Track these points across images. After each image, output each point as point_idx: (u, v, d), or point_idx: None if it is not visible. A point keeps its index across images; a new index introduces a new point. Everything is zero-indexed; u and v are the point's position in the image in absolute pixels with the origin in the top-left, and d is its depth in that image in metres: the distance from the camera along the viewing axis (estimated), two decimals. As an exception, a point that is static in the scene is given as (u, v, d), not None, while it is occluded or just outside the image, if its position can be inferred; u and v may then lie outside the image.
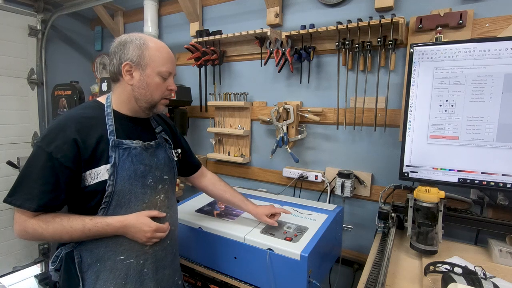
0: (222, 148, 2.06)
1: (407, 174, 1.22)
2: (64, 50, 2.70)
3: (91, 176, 0.88)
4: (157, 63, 0.93)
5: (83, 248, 0.92)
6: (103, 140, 0.89)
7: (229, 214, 1.38)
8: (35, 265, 2.58)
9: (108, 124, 0.92)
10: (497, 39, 1.07)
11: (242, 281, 1.18)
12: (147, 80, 0.93)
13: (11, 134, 2.37)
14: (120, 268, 0.94)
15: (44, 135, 0.86)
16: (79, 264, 0.92)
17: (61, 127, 0.86)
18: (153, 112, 1.00)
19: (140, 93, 0.94)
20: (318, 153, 1.72)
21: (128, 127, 0.97)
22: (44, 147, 0.83)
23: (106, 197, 0.89)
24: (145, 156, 0.98)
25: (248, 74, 1.93)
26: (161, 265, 1.03)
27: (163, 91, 0.97)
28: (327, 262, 1.31)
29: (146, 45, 0.92)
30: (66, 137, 0.84)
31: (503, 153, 1.07)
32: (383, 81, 1.45)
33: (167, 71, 0.95)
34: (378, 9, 1.45)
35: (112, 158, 0.89)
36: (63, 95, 2.16)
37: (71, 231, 0.85)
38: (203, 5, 2.07)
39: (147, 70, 0.93)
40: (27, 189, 0.83)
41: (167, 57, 0.96)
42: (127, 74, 0.93)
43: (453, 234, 1.37)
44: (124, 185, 0.91)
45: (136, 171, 0.94)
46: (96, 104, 0.97)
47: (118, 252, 0.94)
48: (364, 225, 1.62)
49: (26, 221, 0.84)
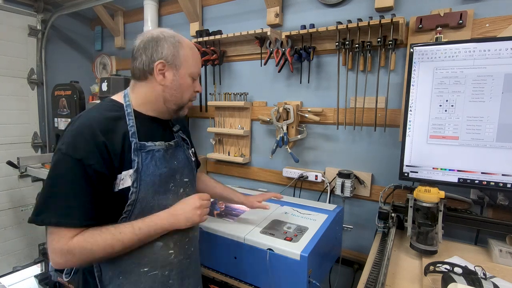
0: (222, 148, 2.06)
1: (407, 174, 1.22)
2: (64, 50, 2.71)
3: (117, 183, 0.80)
4: (190, 64, 0.89)
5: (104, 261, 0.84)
6: (126, 143, 0.82)
7: (229, 214, 1.38)
8: (35, 265, 2.58)
9: (129, 125, 0.84)
10: (497, 39, 1.07)
11: (242, 281, 1.18)
12: (180, 81, 0.88)
13: (11, 134, 2.38)
14: (144, 281, 0.87)
15: (69, 140, 0.76)
16: (100, 278, 0.85)
17: (88, 131, 0.77)
18: (178, 114, 0.95)
19: (171, 94, 0.89)
20: (318, 153, 1.72)
21: (149, 128, 0.90)
22: (71, 153, 0.74)
23: (129, 205, 0.82)
24: (167, 159, 0.91)
25: (248, 74, 1.93)
26: (186, 274, 0.98)
27: (192, 93, 0.94)
28: (327, 262, 1.31)
29: (181, 44, 0.88)
30: (95, 141, 0.76)
31: (503, 153, 1.07)
32: (383, 81, 1.45)
33: (198, 73, 0.93)
34: (378, 9, 1.45)
35: (135, 163, 0.82)
36: (63, 95, 2.16)
37: (121, 237, 0.78)
38: (203, 5, 2.07)
39: (181, 71, 0.88)
40: (62, 203, 0.73)
41: (198, 58, 0.94)
42: (159, 73, 0.86)
43: (453, 234, 1.37)
44: (148, 192, 0.85)
45: (160, 176, 0.87)
46: (113, 104, 0.89)
47: (142, 264, 0.87)
48: (364, 225, 1.62)
49: (69, 241, 0.73)
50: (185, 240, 0.96)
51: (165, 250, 0.91)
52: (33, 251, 2.55)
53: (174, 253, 0.93)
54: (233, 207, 1.48)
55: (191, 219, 0.89)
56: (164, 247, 0.90)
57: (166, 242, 0.91)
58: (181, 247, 0.95)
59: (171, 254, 0.92)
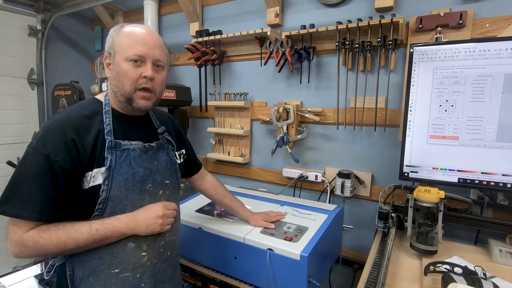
0: (222, 148, 2.06)
1: (407, 174, 1.22)
2: (64, 50, 2.70)
3: (87, 180, 0.79)
4: (124, 47, 0.82)
5: (75, 260, 0.84)
6: (99, 141, 0.81)
7: (229, 214, 1.38)
8: (35, 265, 2.57)
9: (105, 123, 0.84)
10: (497, 39, 1.07)
11: (242, 281, 1.18)
12: (116, 68, 0.83)
13: (11, 134, 2.37)
14: (114, 282, 0.85)
15: (40, 136, 0.77)
16: (71, 278, 0.84)
17: (57, 127, 0.78)
18: (133, 107, 0.86)
19: (114, 85, 0.85)
20: (318, 153, 1.72)
21: (127, 126, 0.89)
22: (40, 149, 0.75)
23: (100, 203, 0.81)
24: (145, 159, 0.89)
25: (248, 74, 1.93)
26: (160, 279, 0.95)
27: (136, 79, 0.83)
28: (327, 262, 1.31)
29: (119, 31, 0.84)
30: (64, 138, 0.76)
31: (503, 153, 1.07)
32: (383, 81, 1.45)
33: (135, 54, 0.82)
34: (378, 9, 1.45)
35: (107, 161, 0.81)
36: (63, 95, 2.15)
37: (76, 236, 0.77)
38: (203, 5, 2.07)
39: (116, 58, 0.83)
40: (24, 196, 0.74)
41: (137, 39, 0.83)
42: (106, 67, 0.86)
43: (453, 234, 1.37)
44: (120, 191, 0.83)
45: (134, 175, 0.86)
46: (93, 102, 0.89)
47: (112, 264, 0.85)
48: (364, 225, 1.62)
49: (24, 234, 0.74)
50: (159, 243, 0.93)
51: (137, 251, 0.88)
52: (33, 251, 2.54)
53: (147, 256, 0.90)
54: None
55: (151, 227, 0.86)
56: (136, 248, 0.88)
57: (138, 244, 0.88)
58: (155, 250, 0.92)
59: (144, 256, 0.89)
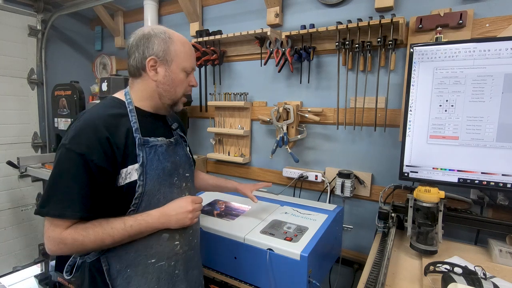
0: (222, 148, 2.06)
1: (407, 174, 1.22)
2: (64, 50, 2.71)
3: (122, 177, 0.83)
4: (182, 58, 0.91)
5: (110, 255, 0.87)
6: (130, 139, 0.85)
7: (229, 214, 1.38)
8: (35, 265, 2.58)
9: (132, 122, 0.87)
10: (497, 39, 1.07)
11: (242, 281, 1.18)
12: (172, 76, 0.91)
13: (11, 134, 2.38)
14: (151, 272, 0.90)
15: (72, 136, 0.79)
16: (108, 272, 0.87)
17: (89, 126, 0.80)
18: (173, 109, 0.98)
19: (164, 89, 0.91)
20: (318, 153, 1.72)
21: (151, 124, 0.94)
22: (74, 148, 0.77)
23: (136, 198, 0.85)
24: (170, 154, 0.95)
25: (248, 74, 1.93)
26: (190, 265, 1.01)
27: (186, 87, 0.95)
28: (327, 262, 1.31)
29: (172, 40, 0.89)
30: (98, 136, 0.78)
31: (503, 153, 1.07)
32: (383, 81, 1.45)
33: (191, 67, 0.94)
34: (378, 9, 1.45)
35: (140, 157, 0.85)
36: (63, 95, 2.16)
37: (112, 232, 0.80)
38: (203, 5, 2.07)
39: (172, 66, 0.90)
40: (64, 196, 0.76)
41: (191, 52, 0.94)
42: (151, 69, 0.89)
43: (453, 234, 1.37)
44: (154, 185, 0.88)
45: (164, 170, 0.91)
46: (116, 101, 0.92)
47: (149, 255, 0.90)
48: (364, 225, 1.62)
49: (63, 231, 0.77)
50: (189, 232, 0.99)
51: (171, 241, 0.93)
52: (33, 251, 2.55)
53: (179, 244, 0.96)
54: (233, 207, 1.48)
55: (181, 221, 0.91)
56: (170, 238, 0.93)
57: (172, 234, 0.93)
58: (185, 239, 0.98)
59: (177, 245, 0.95)
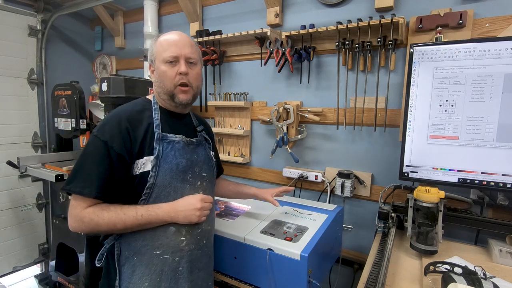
0: (222, 148, 2.06)
1: (407, 174, 1.22)
2: (64, 50, 2.70)
3: (137, 166, 0.91)
4: (161, 50, 0.96)
5: (122, 240, 0.94)
6: (149, 133, 0.93)
7: (229, 214, 1.38)
8: (35, 265, 2.58)
9: (154, 118, 0.97)
10: (497, 39, 1.07)
11: (242, 281, 1.18)
12: (158, 71, 0.97)
13: (11, 134, 2.37)
14: (156, 263, 0.94)
15: (100, 126, 0.91)
16: (118, 257, 0.94)
17: (114, 118, 0.91)
18: (175, 102, 0.98)
19: (158, 86, 0.98)
20: (318, 153, 1.72)
21: (172, 121, 1.01)
22: (100, 136, 0.88)
23: (147, 188, 0.91)
24: (187, 151, 1.00)
25: (248, 74, 1.93)
26: (196, 266, 1.02)
27: (173, 77, 0.96)
28: (327, 262, 1.31)
29: (156, 40, 0.98)
30: (119, 127, 0.89)
31: (503, 153, 1.07)
32: (383, 81, 1.45)
33: (170, 56, 0.95)
34: (378, 9, 1.45)
35: (156, 150, 0.92)
36: (63, 95, 2.15)
37: (124, 218, 0.87)
38: (203, 5, 2.07)
39: (156, 63, 0.98)
40: (86, 177, 0.86)
41: (170, 42, 0.96)
42: (151, 73, 1.01)
43: (453, 234, 1.37)
44: (165, 178, 0.93)
45: (178, 165, 0.96)
46: (145, 101, 1.03)
47: (155, 246, 0.94)
48: (364, 225, 1.62)
49: (83, 210, 0.86)
50: (197, 230, 1.00)
51: (177, 236, 0.96)
52: (33, 251, 2.54)
53: (185, 241, 0.97)
54: (233, 207, 1.48)
55: (189, 218, 0.94)
56: (176, 232, 0.96)
57: (178, 228, 0.96)
58: (192, 236, 0.99)
59: (183, 241, 0.97)
